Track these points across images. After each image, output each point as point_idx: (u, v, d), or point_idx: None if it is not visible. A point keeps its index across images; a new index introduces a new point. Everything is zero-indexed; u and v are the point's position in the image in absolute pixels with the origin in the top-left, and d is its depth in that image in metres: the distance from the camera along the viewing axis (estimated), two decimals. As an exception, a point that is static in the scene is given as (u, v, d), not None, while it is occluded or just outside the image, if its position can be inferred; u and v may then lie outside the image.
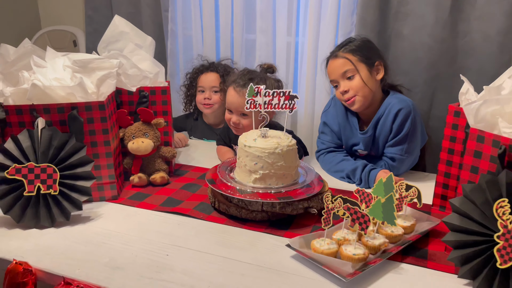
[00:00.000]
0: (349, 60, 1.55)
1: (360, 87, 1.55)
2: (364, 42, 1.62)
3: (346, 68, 1.56)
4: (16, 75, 1.35)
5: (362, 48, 1.58)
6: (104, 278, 1.02)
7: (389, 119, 1.53)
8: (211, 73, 2.04)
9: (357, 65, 1.54)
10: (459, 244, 1.02)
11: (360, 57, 1.55)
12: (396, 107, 1.53)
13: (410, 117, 1.51)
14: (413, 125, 1.52)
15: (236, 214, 1.29)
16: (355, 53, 1.56)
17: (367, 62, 1.56)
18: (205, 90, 2.03)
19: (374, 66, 1.57)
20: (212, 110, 2.04)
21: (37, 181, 1.23)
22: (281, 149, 1.28)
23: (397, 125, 1.52)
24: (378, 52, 1.64)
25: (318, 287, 1.00)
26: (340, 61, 1.57)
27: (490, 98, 0.99)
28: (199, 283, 1.01)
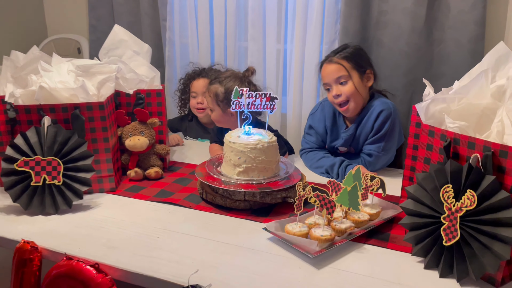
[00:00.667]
0: (344, 66, 1.67)
1: (352, 93, 1.68)
2: (357, 50, 1.74)
3: (340, 74, 1.68)
4: (25, 78, 1.50)
5: (355, 56, 1.71)
6: (101, 255, 1.16)
7: (371, 119, 1.68)
8: (202, 79, 2.19)
9: (351, 72, 1.67)
10: (413, 226, 1.15)
11: (354, 64, 1.67)
12: (378, 108, 1.67)
13: (390, 118, 1.65)
14: (392, 125, 1.66)
15: (221, 203, 1.43)
16: (349, 60, 1.68)
17: (359, 69, 1.68)
18: (198, 95, 2.18)
19: (365, 73, 1.70)
20: (204, 113, 2.19)
21: (43, 173, 1.38)
22: (262, 144, 1.42)
23: (378, 124, 1.66)
24: (369, 61, 1.77)
25: (289, 262, 1.14)
26: (334, 66, 1.69)
27: (437, 97, 1.14)
28: (183, 259, 1.15)
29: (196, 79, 2.20)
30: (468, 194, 1.02)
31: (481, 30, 1.97)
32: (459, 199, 1.05)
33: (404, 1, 2.05)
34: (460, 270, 1.05)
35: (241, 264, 1.13)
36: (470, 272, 1.03)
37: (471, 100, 1.11)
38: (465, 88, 1.11)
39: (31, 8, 2.98)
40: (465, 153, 1.08)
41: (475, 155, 1.04)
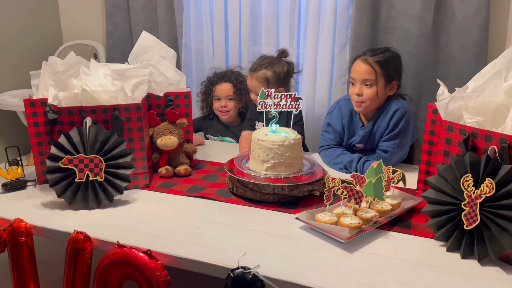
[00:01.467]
0: (375, 70, 1.75)
1: (372, 97, 1.78)
2: (394, 58, 1.80)
3: (369, 77, 1.76)
4: (65, 82, 1.60)
5: (390, 64, 1.77)
6: (149, 243, 1.26)
7: (387, 117, 1.79)
8: (225, 83, 2.31)
9: (378, 78, 1.75)
10: (435, 213, 1.26)
11: (384, 71, 1.75)
12: (394, 107, 1.79)
13: (405, 116, 1.77)
14: (407, 123, 1.78)
15: (252, 196, 1.54)
16: (382, 66, 1.75)
17: (387, 78, 1.76)
18: (221, 98, 2.31)
19: (391, 83, 1.79)
20: (228, 115, 2.34)
21: (86, 170, 1.47)
22: (288, 142, 1.53)
23: (394, 122, 1.78)
24: (400, 71, 1.84)
25: (322, 247, 1.24)
26: (366, 67, 1.76)
27: (456, 95, 1.25)
28: (225, 246, 1.25)
29: (219, 83, 2.31)
30: (487, 182, 1.14)
31: (484, 34, 2.09)
32: (478, 187, 1.16)
33: (412, 7, 2.17)
34: (480, 251, 1.16)
35: (279, 249, 1.23)
36: (490, 253, 1.14)
37: (486, 97, 1.22)
38: (481, 87, 1.23)
39: (46, 15, 3.08)
40: (483, 145, 1.19)
41: (493, 147, 1.16)
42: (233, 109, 2.33)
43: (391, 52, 1.82)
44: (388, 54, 1.80)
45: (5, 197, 1.58)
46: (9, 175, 1.64)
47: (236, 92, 2.32)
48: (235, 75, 2.34)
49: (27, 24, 2.94)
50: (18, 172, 1.66)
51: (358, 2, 2.20)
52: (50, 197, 1.57)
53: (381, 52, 1.81)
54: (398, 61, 1.84)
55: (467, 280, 1.10)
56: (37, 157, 1.66)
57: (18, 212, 1.45)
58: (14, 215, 1.41)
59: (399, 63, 1.84)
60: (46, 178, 1.67)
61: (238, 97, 2.34)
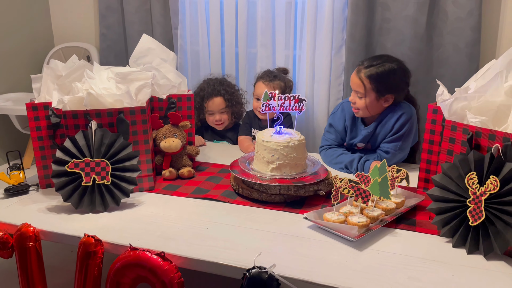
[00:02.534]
0: (364, 85, 1.79)
1: (363, 107, 1.83)
2: (388, 73, 1.78)
3: (359, 89, 1.81)
4: (68, 86, 1.59)
5: (381, 79, 1.77)
6: (161, 245, 1.26)
7: (392, 120, 1.83)
8: (216, 97, 2.31)
9: (368, 92, 1.79)
10: (440, 210, 1.30)
11: (374, 86, 1.78)
12: (400, 110, 1.83)
13: (409, 121, 1.81)
14: (410, 127, 1.82)
15: (258, 197, 1.55)
16: (372, 81, 1.77)
17: (378, 92, 1.79)
18: (215, 113, 2.32)
19: (384, 97, 1.81)
20: (223, 126, 2.38)
21: (93, 173, 1.47)
22: (293, 143, 1.55)
23: (398, 125, 1.81)
24: (396, 84, 1.81)
25: (332, 246, 1.27)
26: (357, 80, 1.81)
27: (459, 96, 1.29)
28: (237, 246, 1.26)
29: (210, 99, 2.31)
30: (491, 180, 1.18)
31: (477, 35, 2.15)
32: (483, 184, 1.20)
33: (406, 9, 2.22)
34: (486, 246, 1.20)
35: (291, 249, 1.25)
36: (495, 248, 1.18)
37: (488, 97, 1.27)
38: (483, 87, 1.27)
39: (37, 17, 3.04)
40: (486, 144, 1.23)
41: (496, 146, 1.20)
42: (227, 120, 2.36)
43: (388, 65, 1.80)
44: (383, 69, 1.78)
45: (8, 202, 1.57)
46: (12, 179, 1.63)
47: (228, 105, 2.34)
48: (224, 87, 2.35)
49: (18, 27, 2.90)
50: (20, 177, 1.65)
51: (353, 4, 2.24)
52: (54, 201, 1.56)
53: (376, 65, 1.80)
54: (394, 75, 1.80)
55: (474, 275, 1.14)
56: (40, 161, 1.65)
57: (23, 217, 1.44)
58: (19, 220, 1.41)
59: (394, 77, 1.81)
60: (48, 182, 1.67)
61: (231, 109, 2.37)
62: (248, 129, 2.30)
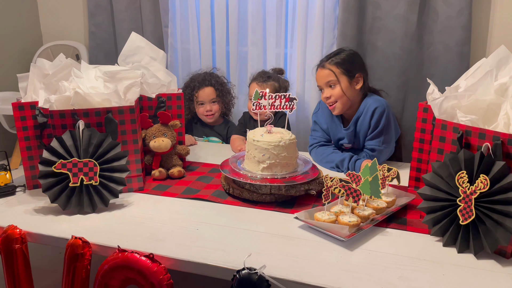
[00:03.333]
0: (333, 72, 1.84)
1: (340, 95, 1.85)
2: (349, 56, 1.89)
3: (330, 78, 1.85)
4: (55, 85, 1.56)
5: (346, 62, 1.86)
6: (150, 247, 1.25)
7: (367, 117, 1.83)
8: (207, 87, 2.32)
9: (339, 77, 1.84)
10: (430, 209, 1.30)
11: (343, 69, 1.84)
12: (372, 106, 1.83)
13: (384, 113, 1.81)
14: (387, 120, 1.82)
15: (249, 197, 1.54)
16: (339, 66, 1.84)
17: (348, 74, 1.84)
18: (205, 103, 2.32)
19: (355, 77, 1.86)
20: (214, 118, 2.35)
21: (80, 174, 1.45)
22: (284, 142, 1.54)
23: (374, 121, 1.82)
24: (361, 65, 1.92)
25: (323, 246, 1.26)
26: (325, 71, 1.86)
27: (449, 95, 1.29)
28: (227, 247, 1.25)
29: (201, 88, 2.31)
30: (481, 178, 1.17)
31: (467, 34, 2.15)
32: (473, 183, 1.20)
33: (396, 7, 2.21)
34: (476, 245, 1.20)
35: (281, 249, 1.24)
36: (485, 246, 1.18)
37: (478, 96, 1.27)
38: (473, 86, 1.27)
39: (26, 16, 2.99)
40: (476, 142, 1.23)
41: (486, 144, 1.19)
42: (217, 111, 2.36)
43: (346, 51, 1.90)
44: (342, 55, 1.88)
45: (-5, 204, 1.54)
46: (-2, 180, 1.60)
47: (218, 94, 2.34)
48: (215, 78, 2.36)
49: (6, 25, 2.86)
50: (6, 178, 1.62)
51: (345, 3, 2.23)
52: (42, 203, 1.53)
53: (334, 55, 1.90)
54: (355, 56, 1.91)
55: (465, 273, 1.13)
56: (26, 161, 1.62)
57: (10, 218, 1.41)
58: (6, 221, 1.38)
59: (357, 58, 1.92)
60: (35, 183, 1.64)
61: (221, 99, 2.36)
62: (242, 129, 2.29)
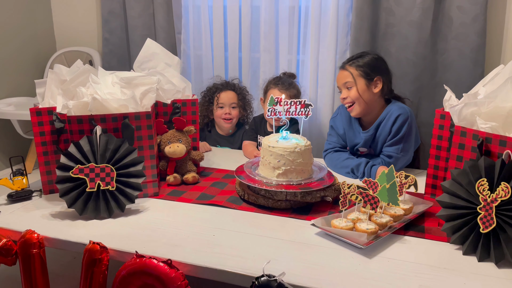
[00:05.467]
0: (351, 73, 1.84)
1: (356, 97, 1.84)
2: (371, 60, 1.88)
3: (347, 80, 1.85)
4: (73, 90, 1.58)
5: (366, 65, 1.85)
6: (167, 252, 1.24)
7: (389, 122, 1.81)
8: (229, 91, 2.32)
9: (356, 79, 1.83)
10: (450, 217, 1.28)
11: (362, 72, 1.83)
12: (396, 112, 1.81)
13: (407, 121, 1.80)
14: (409, 128, 1.81)
15: (264, 203, 1.54)
16: (359, 68, 1.84)
17: (366, 77, 1.83)
18: (225, 106, 2.31)
19: (373, 81, 1.84)
20: (232, 124, 2.34)
21: (97, 179, 1.46)
22: (300, 148, 1.54)
23: (396, 127, 1.80)
24: (382, 69, 1.88)
25: (341, 253, 1.25)
26: (344, 73, 1.87)
27: (469, 102, 1.28)
28: (245, 254, 1.24)
29: (223, 91, 2.31)
30: (503, 186, 1.16)
31: (482, 40, 2.14)
32: (494, 191, 1.18)
33: (410, 14, 2.21)
34: (497, 253, 1.18)
35: (299, 257, 1.23)
36: (506, 255, 1.16)
37: (498, 103, 1.25)
38: (493, 93, 1.26)
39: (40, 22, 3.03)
40: (497, 150, 1.22)
41: (507, 152, 1.18)
42: (236, 117, 2.34)
43: (369, 55, 1.90)
44: (365, 58, 1.88)
45: (12, 208, 1.55)
46: (15, 185, 1.61)
47: (240, 99, 2.34)
48: (238, 85, 2.37)
49: (20, 31, 2.90)
50: (23, 182, 1.63)
51: (358, 9, 2.23)
52: (58, 207, 1.54)
53: (356, 57, 1.90)
54: (377, 61, 1.89)
55: (486, 282, 1.12)
56: (43, 167, 1.64)
57: (27, 223, 1.42)
58: (23, 226, 1.39)
59: (378, 62, 1.89)
60: (52, 188, 1.65)
61: (242, 106, 2.35)
62: (254, 135, 2.28)
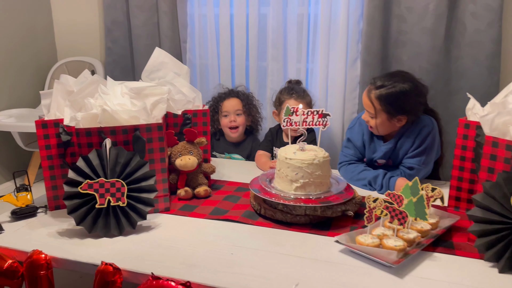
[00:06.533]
0: (374, 106, 1.72)
1: (377, 126, 1.76)
2: (398, 94, 1.68)
3: (369, 109, 1.75)
4: (80, 102, 1.51)
5: (391, 99, 1.69)
6: (184, 273, 1.17)
7: (413, 134, 1.74)
8: (233, 98, 2.26)
9: (378, 113, 1.72)
10: (483, 233, 1.21)
11: (385, 107, 1.70)
12: (420, 124, 1.74)
13: (431, 133, 1.73)
14: (433, 140, 1.74)
15: (282, 218, 1.46)
16: (382, 102, 1.69)
17: (388, 113, 1.71)
18: (229, 114, 2.24)
19: (395, 117, 1.73)
20: (238, 133, 2.27)
21: (107, 195, 1.38)
22: (318, 160, 1.47)
23: (420, 139, 1.73)
24: (410, 106, 1.71)
25: (369, 272, 1.17)
26: (368, 102, 1.74)
27: (502, 111, 1.22)
28: (268, 274, 1.17)
29: (227, 99, 2.25)
30: (541, 200, 1.10)
31: (497, 47, 2.10)
32: (531, 204, 1.12)
33: (423, 21, 2.16)
34: (537, 271, 1.11)
35: (326, 276, 1.16)
36: (547, 273, 1.09)
37: (532, 112, 1.20)
38: (527, 101, 1.20)
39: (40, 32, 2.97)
40: (533, 161, 1.16)
41: (545, 163, 1.12)
42: (242, 124, 2.28)
43: (400, 87, 1.69)
44: (393, 90, 1.69)
45: (16, 226, 1.47)
46: (19, 201, 1.53)
47: (245, 105, 2.27)
48: (242, 91, 2.31)
49: (21, 41, 2.83)
50: (28, 198, 1.55)
51: (369, 16, 2.18)
52: (65, 225, 1.46)
53: (387, 86, 1.70)
54: (405, 97, 1.69)
55: (527, 303, 1.05)
56: (49, 181, 1.56)
57: (33, 242, 1.34)
58: (29, 246, 1.31)
59: (406, 99, 1.70)
60: (57, 204, 1.58)
61: (247, 112, 2.29)
62: (269, 146, 2.21)
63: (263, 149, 2.18)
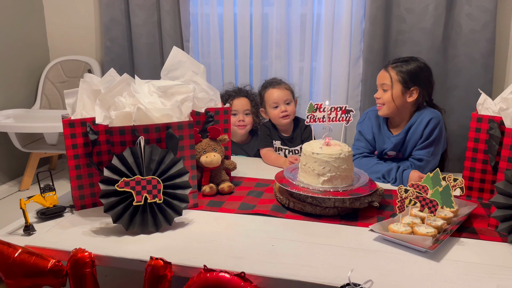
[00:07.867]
0: (390, 76, 1.85)
1: (388, 100, 1.86)
2: (415, 68, 1.87)
3: (385, 81, 1.87)
4: (109, 100, 1.51)
5: (408, 72, 1.85)
6: (233, 265, 1.20)
7: (421, 126, 1.84)
8: (242, 98, 2.29)
9: (394, 83, 1.85)
10: (505, 217, 1.31)
11: (401, 78, 1.84)
12: (428, 116, 1.85)
13: (439, 125, 1.83)
14: (440, 132, 1.84)
15: (311, 211, 1.52)
16: (399, 73, 1.85)
17: (403, 84, 1.84)
18: (238, 113, 2.28)
19: (409, 90, 1.85)
20: (245, 130, 2.30)
21: (144, 192, 1.39)
22: (344, 154, 1.54)
23: (428, 131, 1.83)
24: (423, 80, 1.87)
25: (407, 258, 1.25)
26: (385, 74, 1.88)
27: (523, 104, 1.32)
28: (313, 263, 1.22)
29: (236, 98, 2.28)
30: None
31: (491, 46, 2.23)
32: (553, 190, 1.22)
33: (423, 21, 2.27)
34: (560, 251, 1.22)
35: (368, 263, 1.22)
36: None
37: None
38: (545, 95, 1.31)
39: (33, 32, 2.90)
40: (553, 151, 1.26)
41: None
42: (249, 124, 2.32)
43: (415, 62, 1.89)
44: (409, 63, 1.88)
45: (46, 226, 1.46)
46: (47, 202, 1.52)
47: (254, 106, 2.31)
48: (251, 92, 2.35)
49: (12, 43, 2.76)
50: (54, 199, 1.54)
51: (372, 16, 2.27)
52: (96, 223, 1.47)
53: (402, 61, 1.89)
54: (421, 70, 1.88)
55: (555, 280, 1.15)
56: (75, 181, 1.55)
57: (71, 241, 1.34)
58: (68, 245, 1.31)
59: (422, 73, 1.88)
60: (83, 203, 1.58)
61: (255, 113, 2.33)
62: (269, 140, 2.25)
63: (264, 146, 2.21)
